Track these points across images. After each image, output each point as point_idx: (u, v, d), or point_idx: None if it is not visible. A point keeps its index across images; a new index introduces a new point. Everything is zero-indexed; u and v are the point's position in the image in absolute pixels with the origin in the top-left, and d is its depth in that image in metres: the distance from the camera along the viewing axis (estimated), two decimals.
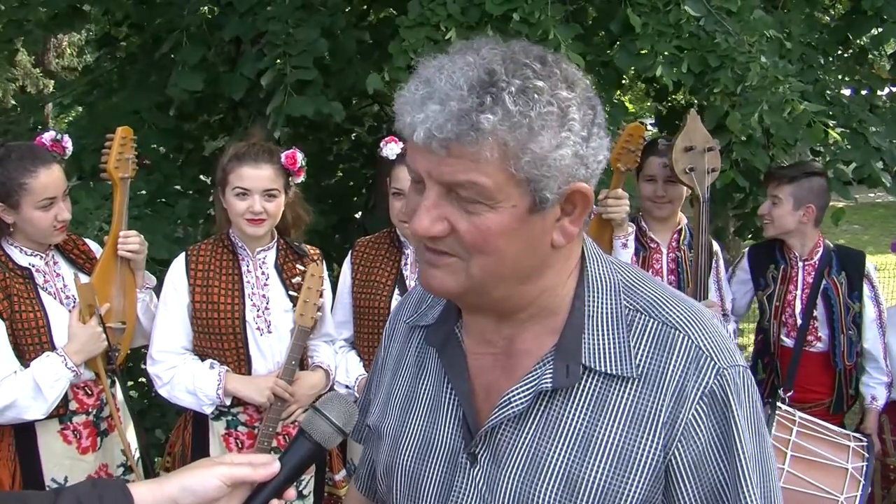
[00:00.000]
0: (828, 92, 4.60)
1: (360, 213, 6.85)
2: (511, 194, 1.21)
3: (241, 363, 3.26)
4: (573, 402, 1.31)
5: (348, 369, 3.45)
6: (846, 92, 5.05)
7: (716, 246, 3.90)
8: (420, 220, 1.25)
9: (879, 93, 5.31)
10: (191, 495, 1.33)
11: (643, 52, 3.96)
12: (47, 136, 3.16)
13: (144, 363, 3.41)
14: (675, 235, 3.89)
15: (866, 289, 3.99)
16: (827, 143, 4.26)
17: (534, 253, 1.28)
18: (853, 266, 3.99)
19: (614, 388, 1.30)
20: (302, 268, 3.32)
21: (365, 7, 6.38)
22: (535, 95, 1.18)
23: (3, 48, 5.68)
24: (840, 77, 5.07)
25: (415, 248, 1.34)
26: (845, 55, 5.44)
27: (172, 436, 3.50)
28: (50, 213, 3.04)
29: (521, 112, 1.17)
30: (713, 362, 1.29)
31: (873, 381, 4.00)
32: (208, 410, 3.24)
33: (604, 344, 1.31)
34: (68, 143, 3.18)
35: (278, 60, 4.30)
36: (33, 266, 3.12)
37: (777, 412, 3.46)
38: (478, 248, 1.24)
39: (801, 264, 3.96)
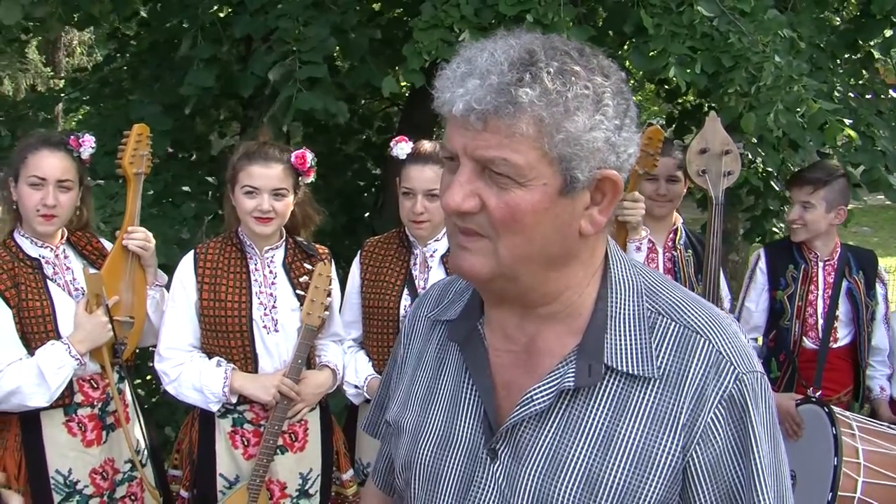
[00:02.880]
0: (836, 94, 4.59)
1: (368, 213, 6.85)
2: (543, 173, 1.24)
3: (248, 361, 3.26)
4: (595, 402, 1.33)
5: (357, 369, 3.44)
6: (852, 95, 5.04)
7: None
8: (452, 195, 1.27)
9: (883, 97, 5.29)
10: None
11: (655, 52, 3.96)
12: (74, 133, 3.25)
13: (152, 360, 3.42)
14: (672, 235, 3.89)
15: (878, 287, 4.06)
16: (836, 145, 4.25)
17: (562, 238, 1.30)
18: (869, 265, 4.06)
19: (636, 389, 1.32)
20: (310, 267, 3.32)
21: (375, 6, 6.38)
22: (573, 78, 1.22)
23: (12, 41, 5.69)
24: (847, 80, 5.06)
25: (447, 231, 1.37)
26: (853, 58, 5.43)
27: (180, 433, 3.51)
28: (37, 194, 3.09)
29: (559, 91, 1.20)
30: (733, 367, 1.31)
31: (878, 372, 4.08)
32: (214, 408, 3.24)
33: (626, 344, 1.33)
34: (86, 143, 3.20)
35: (288, 58, 4.30)
36: (43, 257, 3.16)
37: (836, 412, 3.54)
38: (506, 226, 1.26)
39: (821, 264, 3.97)
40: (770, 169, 4.92)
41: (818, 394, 3.82)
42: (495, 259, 1.29)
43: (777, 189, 5.55)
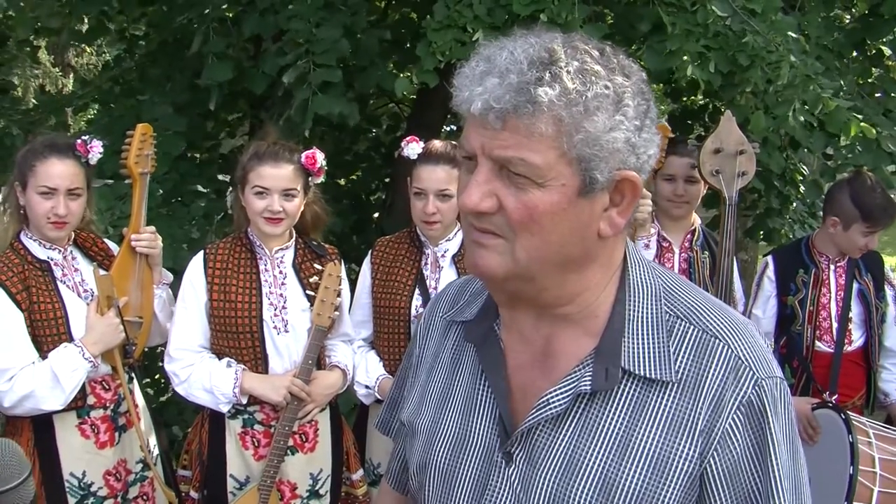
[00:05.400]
0: (842, 94, 4.58)
1: (377, 213, 6.85)
2: (561, 173, 1.22)
3: (258, 362, 3.26)
4: (612, 406, 1.32)
5: (368, 369, 3.44)
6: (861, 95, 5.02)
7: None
8: (469, 194, 1.26)
9: (893, 94, 5.26)
10: None
11: (670, 51, 3.95)
12: (82, 137, 3.22)
13: (161, 361, 3.42)
14: (689, 235, 3.88)
15: (887, 289, 4.03)
16: (857, 139, 4.22)
17: (580, 240, 1.28)
18: (877, 267, 4.04)
19: (653, 393, 1.30)
20: (319, 267, 3.32)
21: (383, 6, 6.39)
22: (593, 77, 1.21)
23: (24, 45, 5.70)
24: (856, 79, 5.04)
25: (463, 230, 1.36)
26: (860, 57, 5.41)
27: (190, 434, 3.52)
28: (47, 202, 3.07)
29: (578, 91, 1.19)
30: (752, 372, 1.29)
31: (894, 376, 4.05)
32: (225, 409, 3.25)
33: (644, 348, 1.31)
34: (94, 148, 3.19)
35: (301, 59, 4.30)
36: (52, 260, 3.16)
37: (851, 417, 3.50)
38: (524, 226, 1.25)
39: (832, 267, 3.95)
40: (773, 169, 4.90)
41: (834, 398, 3.80)
42: (511, 259, 1.28)
43: (779, 188, 5.54)
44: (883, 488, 3.29)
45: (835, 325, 3.92)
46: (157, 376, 5.14)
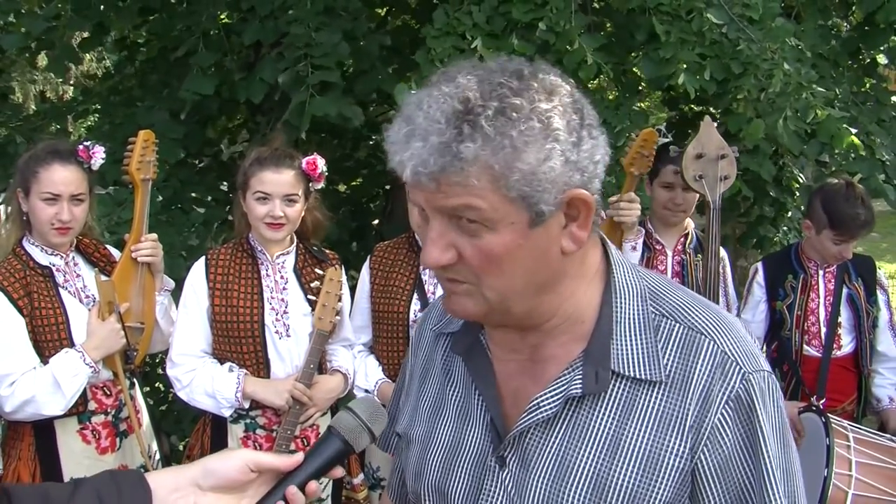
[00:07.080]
0: (836, 103, 4.60)
1: (376, 219, 6.86)
2: (508, 212, 1.21)
3: (260, 366, 3.27)
4: (602, 407, 1.33)
5: (367, 373, 3.46)
6: (856, 103, 5.04)
7: (722, 252, 3.90)
8: (429, 253, 1.27)
9: (885, 104, 5.28)
10: (212, 476, 1.36)
11: (665, 59, 3.97)
12: (84, 144, 3.24)
13: (160, 369, 3.43)
14: (682, 239, 3.90)
15: (879, 293, 4.02)
16: (845, 149, 4.24)
17: (545, 264, 1.29)
18: (868, 272, 4.03)
19: (642, 393, 1.31)
20: (320, 272, 3.34)
21: (384, 13, 6.41)
22: (514, 114, 1.18)
23: (23, 49, 5.70)
24: (850, 87, 5.06)
25: (437, 277, 1.37)
26: (854, 66, 5.43)
27: (191, 439, 3.52)
28: (51, 209, 3.09)
29: (501, 133, 1.17)
30: (739, 367, 1.30)
31: (886, 381, 4.02)
32: (227, 413, 3.26)
33: (632, 349, 1.32)
34: (96, 154, 3.21)
35: (300, 63, 4.31)
36: (54, 265, 3.17)
37: (832, 420, 3.49)
38: (485, 271, 1.26)
39: (821, 272, 3.96)
40: (764, 177, 4.93)
41: (822, 402, 3.80)
42: (483, 300, 1.29)
43: (773, 195, 5.56)
44: (858, 491, 3.29)
45: (823, 329, 3.92)
46: (156, 384, 5.15)
